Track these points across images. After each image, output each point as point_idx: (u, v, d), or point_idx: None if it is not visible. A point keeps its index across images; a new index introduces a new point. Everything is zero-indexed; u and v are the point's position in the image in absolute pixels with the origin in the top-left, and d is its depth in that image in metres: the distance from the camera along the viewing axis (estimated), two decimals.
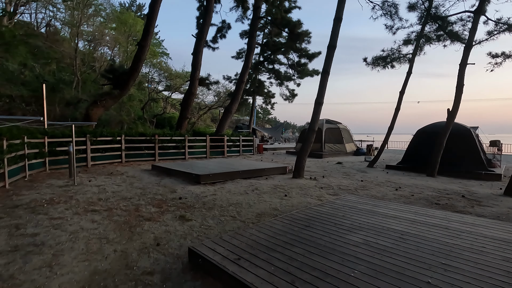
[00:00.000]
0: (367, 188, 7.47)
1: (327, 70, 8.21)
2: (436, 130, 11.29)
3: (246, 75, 16.47)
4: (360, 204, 5.08)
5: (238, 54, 23.46)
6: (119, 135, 11.47)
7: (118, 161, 11.51)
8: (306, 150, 8.55)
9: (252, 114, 25.35)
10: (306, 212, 4.55)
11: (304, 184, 7.73)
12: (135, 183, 7.45)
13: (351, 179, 8.95)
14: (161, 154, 12.87)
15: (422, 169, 10.77)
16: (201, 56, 15.07)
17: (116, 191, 6.53)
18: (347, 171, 10.72)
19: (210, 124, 39.40)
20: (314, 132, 8.45)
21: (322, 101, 8.33)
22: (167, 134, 13.17)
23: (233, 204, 5.63)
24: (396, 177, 9.50)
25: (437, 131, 11.10)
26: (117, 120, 24.01)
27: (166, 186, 7.20)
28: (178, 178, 8.25)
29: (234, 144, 16.07)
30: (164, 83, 32.42)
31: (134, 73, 12.28)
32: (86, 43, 31.06)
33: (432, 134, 11.26)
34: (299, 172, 8.47)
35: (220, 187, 7.15)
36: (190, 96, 15.16)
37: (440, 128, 11.24)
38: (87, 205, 5.32)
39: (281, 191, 6.82)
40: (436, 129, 11.36)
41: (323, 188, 7.30)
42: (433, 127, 11.59)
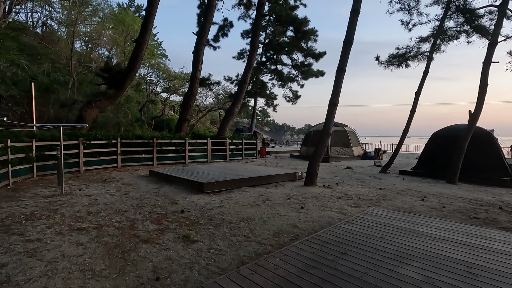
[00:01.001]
0: (390, 198, 6.73)
1: (343, 67, 7.50)
2: (453, 133, 10.59)
3: (249, 75, 15.75)
4: (394, 220, 4.33)
5: (240, 54, 22.77)
6: (114, 138, 10.69)
7: (113, 166, 10.72)
8: (320, 155, 7.81)
9: (254, 116, 24.62)
10: (335, 233, 3.79)
11: (319, 193, 6.97)
12: (131, 192, 6.67)
13: (367, 186, 8.21)
14: (159, 158, 12.09)
15: (439, 175, 10.06)
16: (202, 55, 14.34)
17: (109, 202, 5.74)
18: (360, 177, 9.98)
19: (209, 126, 38.63)
20: (328, 135, 7.71)
21: (338, 101, 7.60)
22: (166, 137, 12.39)
23: (244, 219, 4.86)
24: (415, 184, 8.76)
25: (455, 135, 10.41)
26: (114, 122, 23.19)
27: (166, 195, 6.42)
28: (179, 186, 7.47)
29: (237, 147, 15.32)
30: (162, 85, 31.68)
31: (131, 72, 11.52)
32: (83, 44, 30.33)
33: (449, 137, 10.57)
34: (311, 179, 7.73)
35: (226, 197, 6.38)
36: (191, 97, 14.40)
37: (457, 131, 10.55)
38: (73, 221, 4.53)
39: (295, 202, 6.06)
40: (453, 132, 10.67)
41: (341, 199, 6.54)
42: (449, 130, 10.90)
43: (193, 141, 13.44)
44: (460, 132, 10.43)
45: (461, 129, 10.64)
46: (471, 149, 9.63)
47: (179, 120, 14.88)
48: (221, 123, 16.00)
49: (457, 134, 10.34)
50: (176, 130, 14.59)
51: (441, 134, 10.95)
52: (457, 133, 10.43)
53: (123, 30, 24.93)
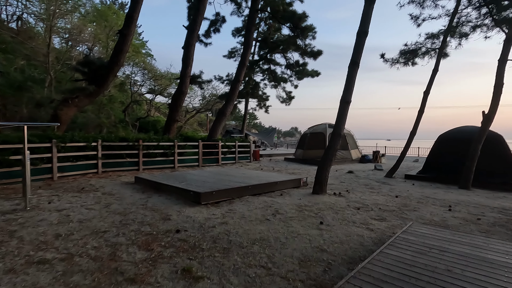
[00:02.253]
0: (413, 208, 5.95)
1: (357, 61, 6.72)
2: (462, 136, 10.05)
3: (243, 74, 14.83)
4: (446, 242, 3.50)
5: (231, 53, 21.82)
6: (94, 140, 9.47)
7: (93, 172, 9.49)
8: (330, 160, 6.97)
9: (245, 118, 23.67)
10: (384, 263, 2.91)
11: (333, 204, 6.11)
12: (113, 205, 5.57)
13: (381, 194, 7.43)
14: (146, 163, 10.93)
15: (449, 179, 9.47)
16: (193, 50, 13.29)
17: (85, 219, 4.65)
18: (367, 183, 9.23)
19: (197, 128, 37.36)
20: (340, 137, 6.89)
21: (350, 99, 6.81)
22: (153, 139, 11.25)
23: (256, 240, 3.90)
24: (429, 191, 8.08)
25: (464, 137, 9.88)
26: (96, 123, 21.63)
27: (156, 208, 5.37)
28: (170, 195, 6.42)
29: (230, 150, 14.31)
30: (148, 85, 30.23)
31: (114, 67, 10.35)
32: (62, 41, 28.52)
33: (457, 140, 10.02)
34: (321, 186, 6.87)
35: (228, 210, 5.40)
36: (181, 95, 13.30)
37: (466, 134, 10.03)
38: (34, 248, 3.44)
39: (311, 216, 5.16)
40: (461, 134, 10.13)
41: (361, 210, 5.70)
42: (457, 132, 10.36)
43: (183, 143, 12.35)
44: (469, 134, 9.91)
45: (470, 131, 10.13)
46: (481, 152, 9.06)
47: (167, 121, 13.72)
48: (213, 125, 14.97)
49: (466, 137, 9.80)
50: (164, 131, 13.44)
51: (448, 136, 10.39)
52: (466, 136, 9.90)
53: (106, 26, 23.45)
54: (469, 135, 9.83)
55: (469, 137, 9.74)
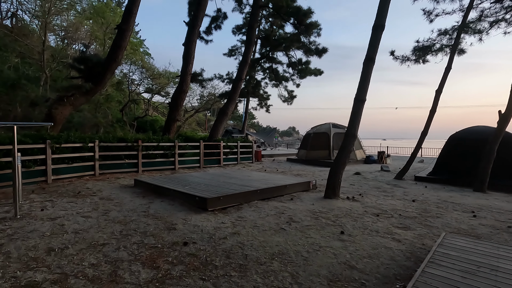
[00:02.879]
0: (435, 214, 5.55)
1: (372, 57, 6.32)
2: (474, 136, 9.70)
3: (245, 71, 14.37)
4: (495, 258, 3.09)
5: (231, 51, 21.34)
6: (91, 141, 9.00)
7: (90, 174, 9.01)
8: (344, 162, 6.56)
9: (246, 117, 23.21)
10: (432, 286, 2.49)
11: (350, 209, 5.70)
12: (111, 212, 5.12)
13: (396, 197, 7.04)
14: (145, 164, 10.46)
15: (462, 182, 9.11)
16: (194, 47, 12.82)
17: (81, 229, 4.19)
18: (378, 186, 8.84)
19: (196, 128, 36.84)
20: (354, 138, 6.48)
21: (365, 97, 6.40)
22: (153, 139, 10.78)
23: (276, 255, 3.48)
24: (445, 194, 7.70)
25: (477, 138, 9.53)
26: (92, 123, 21.08)
27: (159, 216, 4.93)
28: (173, 200, 5.98)
29: (232, 151, 13.87)
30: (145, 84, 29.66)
31: (112, 63, 9.86)
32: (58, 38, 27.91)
33: (469, 141, 9.65)
34: (334, 190, 6.46)
35: (238, 218, 4.96)
36: (181, 94, 12.82)
37: (479, 134, 9.68)
38: (23, 267, 2.99)
39: (329, 224, 4.74)
40: (474, 135, 9.77)
41: (380, 216, 5.29)
42: (469, 132, 10.00)
43: (184, 144, 11.89)
44: (481, 134, 9.57)
45: (482, 131, 9.80)
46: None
47: (167, 121, 13.24)
48: (214, 124, 14.52)
49: (479, 137, 9.47)
50: (163, 131, 12.96)
51: (460, 137, 10.02)
52: (479, 136, 9.56)
53: (103, 23, 22.87)
54: (482, 135, 9.49)
55: (481, 137, 9.40)
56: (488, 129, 9.90)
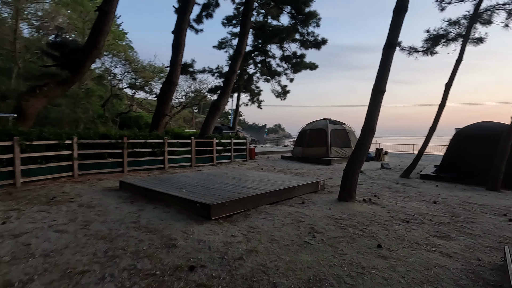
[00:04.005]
0: (467, 219, 4.95)
1: (394, 42, 5.64)
2: (483, 132, 9.29)
3: (239, 64, 13.48)
4: None
5: (221, 43, 20.34)
6: (69, 138, 7.90)
7: (67, 175, 7.93)
8: (361, 160, 5.86)
9: (237, 113, 22.31)
10: None
11: (373, 215, 5.00)
12: (93, 223, 4.18)
13: (413, 198, 6.44)
14: (132, 163, 9.43)
15: (472, 180, 8.70)
16: (185, 35, 11.79)
17: (54, 249, 3.26)
18: (387, 185, 8.26)
19: (182, 125, 35.52)
20: (373, 133, 5.79)
21: (385, 88, 5.71)
22: (140, 136, 9.75)
23: (312, 283, 2.69)
24: (461, 194, 7.19)
25: (486, 134, 9.13)
26: (71, 118, 19.57)
27: (153, 228, 4.04)
28: (167, 207, 5.08)
29: (225, 148, 12.98)
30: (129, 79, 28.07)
31: (92, 50, 8.73)
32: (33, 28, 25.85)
33: (478, 137, 9.24)
34: (350, 192, 5.76)
35: (250, 228, 4.15)
36: (170, 86, 11.78)
37: (488, 130, 9.28)
38: None
39: (358, 234, 4.01)
40: (482, 131, 9.37)
41: (410, 222, 4.63)
42: (477, 128, 9.59)
43: (174, 141, 10.90)
44: (491, 130, 9.18)
45: (491, 127, 9.41)
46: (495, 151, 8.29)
47: (155, 115, 12.16)
48: (205, 120, 13.56)
49: (489, 133, 9.08)
50: (151, 127, 11.90)
51: (467, 133, 9.60)
52: (488, 132, 9.17)
53: (82, 11, 21.24)
54: (492, 131, 9.10)
55: (491, 133, 9.01)
56: (496, 124, 9.54)
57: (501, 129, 9.01)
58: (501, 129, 9.06)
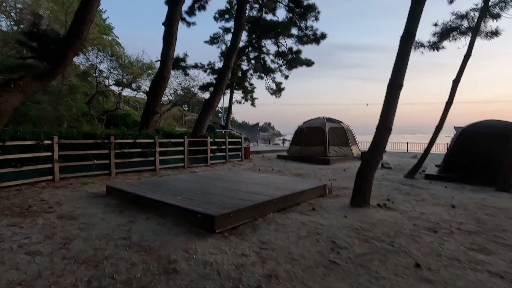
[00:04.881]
0: (496, 226, 4.51)
1: (413, 32, 5.15)
2: (489, 131, 9.00)
3: (233, 59, 12.83)
4: None
5: (213, 39, 19.58)
6: (48, 137, 7.10)
7: (47, 179, 7.14)
8: (376, 162, 5.37)
9: (230, 111, 21.62)
10: None
11: (394, 223, 4.50)
12: (74, 241, 3.50)
13: (430, 202, 6.00)
14: (119, 165, 8.68)
15: (479, 180, 8.40)
16: (177, 27, 11.03)
17: (22, 280, 2.59)
18: (395, 186, 7.84)
19: (172, 123, 34.52)
20: (389, 132, 5.29)
21: (402, 82, 5.22)
22: (129, 135, 9.00)
23: None
24: (476, 196, 6.81)
25: (493, 133, 8.85)
26: (53, 116, 18.42)
27: (147, 246, 3.40)
28: (163, 217, 4.44)
29: (219, 148, 12.33)
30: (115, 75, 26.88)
31: (75, 41, 7.90)
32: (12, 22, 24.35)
33: (484, 136, 8.94)
34: (364, 197, 5.26)
35: (261, 244, 3.56)
36: (161, 81, 11.00)
37: (495, 129, 8.99)
38: None
39: (387, 248, 3.48)
40: (489, 129, 9.07)
41: (438, 233, 4.14)
42: (483, 127, 9.30)
43: (166, 140, 10.19)
44: (498, 129, 8.90)
45: (498, 125, 9.14)
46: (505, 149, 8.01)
47: (145, 113, 11.37)
48: (198, 118, 12.86)
49: (496, 132, 8.79)
50: (140, 125, 11.11)
51: (472, 131, 9.29)
52: (495, 131, 8.88)
53: (64, 3, 20.04)
54: (499, 130, 8.83)
55: (498, 132, 8.74)
56: (502, 123, 9.29)
57: (508, 128, 8.76)
58: (508, 127, 8.81)
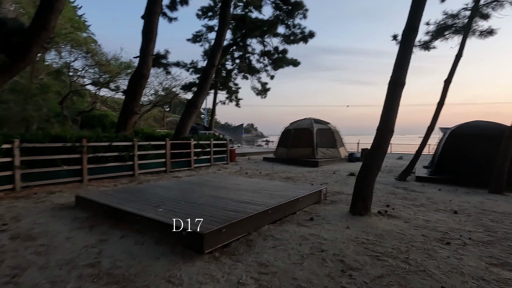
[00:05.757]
0: (508, 235, 4.22)
1: (416, 26, 4.80)
2: (480, 131, 8.95)
3: (218, 57, 12.22)
4: None
5: (196, 37, 18.83)
6: (8, 141, 6.22)
7: (6, 189, 6.25)
8: (379, 166, 4.95)
9: (214, 112, 20.90)
10: None
11: (402, 234, 4.10)
12: (27, 272, 2.81)
13: (430, 208, 5.70)
14: (93, 171, 7.87)
15: (471, 182, 8.32)
16: (157, 20, 10.27)
17: None
18: (389, 190, 7.55)
19: (153, 124, 33.24)
20: (391, 134, 4.91)
21: (405, 80, 4.86)
22: (104, 137, 8.18)
23: None
24: (472, 199, 6.62)
25: (483, 134, 8.80)
26: (20, 117, 16.99)
27: (119, 276, 2.77)
28: (141, 234, 3.80)
29: (204, 150, 11.67)
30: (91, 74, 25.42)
31: (40, 32, 7.03)
32: None
33: (475, 137, 8.87)
34: (365, 204, 4.84)
35: (259, 266, 3.02)
36: (140, 79, 10.19)
37: (486, 129, 8.96)
38: None
39: (402, 267, 3.04)
40: (479, 130, 9.03)
41: (451, 244, 3.78)
42: (473, 127, 9.24)
43: (146, 143, 9.42)
44: (489, 130, 8.87)
45: (488, 126, 9.12)
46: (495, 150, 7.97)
47: (122, 113, 10.50)
48: (181, 119, 12.12)
49: (487, 133, 8.75)
50: (117, 127, 10.25)
51: (462, 132, 9.21)
52: (486, 132, 8.84)
53: None
54: (489, 131, 8.79)
55: (488, 133, 8.71)
56: (491, 124, 9.28)
57: (498, 129, 8.71)
58: (498, 128, 8.77)
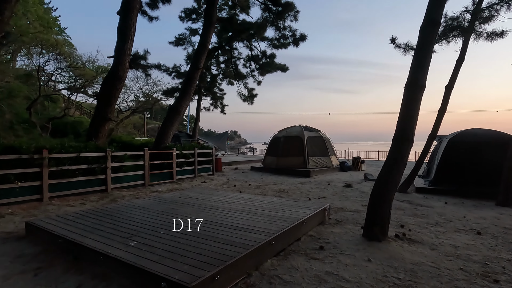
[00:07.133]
0: None
1: (437, 20, 4.18)
2: (478, 139, 8.57)
3: (203, 60, 11.35)
4: None
5: (178, 40, 17.87)
6: None
7: None
8: (397, 182, 4.23)
9: (198, 118, 19.86)
10: None
11: (434, 267, 3.36)
12: None
13: (445, 227, 5.05)
14: (56, 187, 6.71)
15: (474, 193, 7.87)
16: (135, 17, 9.28)
17: None
18: (394, 205, 6.82)
19: (133, 131, 31.63)
20: (411, 144, 4.21)
21: (425, 82, 4.21)
22: (70, 147, 7.04)
23: None
24: (485, 214, 6.07)
25: (483, 142, 8.42)
26: None
27: None
28: (105, 281, 2.82)
29: (187, 161, 10.65)
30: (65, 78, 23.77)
31: None
32: None
33: (475, 145, 8.48)
34: (383, 227, 4.09)
35: None
36: (116, 81, 9.08)
37: (486, 138, 8.58)
38: None
39: None
40: (479, 138, 8.64)
41: (500, 283, 3.06)
42: (472, 136, 8.86)
43: (121, 153, 8.33)
44: (490, 138, 8.51)
45: (489, 135, 8.78)
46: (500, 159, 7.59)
47: (94, 120, 9.32)
48: (162, 126, 11.08)
49: (487, 141, 8.39)
50: (88, 135, 9.08)
51: (462, 140, 8.79)
52: (486, 140, 8.46)
53: None
54: (491, 139, 8.43)
55: (491, 141, 8.34)
56: (487, 132, 8.96)
57: (500, 137, 8.38)
58: (499, 136, 8.43)
